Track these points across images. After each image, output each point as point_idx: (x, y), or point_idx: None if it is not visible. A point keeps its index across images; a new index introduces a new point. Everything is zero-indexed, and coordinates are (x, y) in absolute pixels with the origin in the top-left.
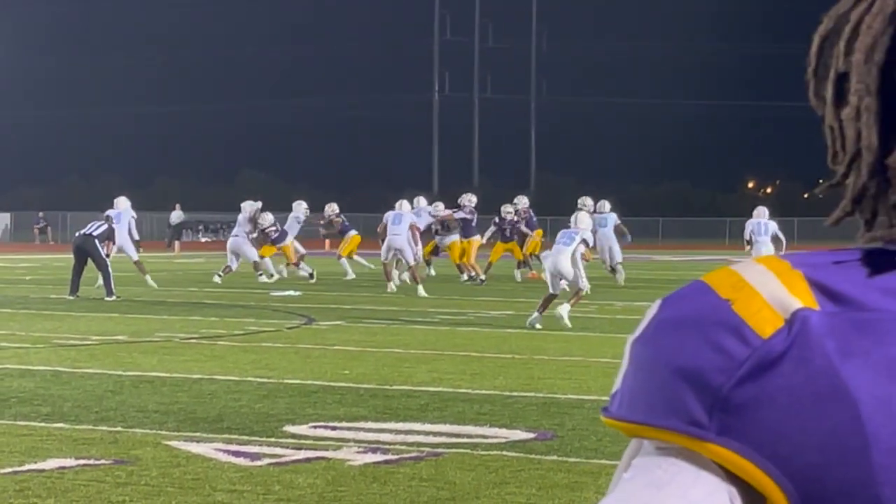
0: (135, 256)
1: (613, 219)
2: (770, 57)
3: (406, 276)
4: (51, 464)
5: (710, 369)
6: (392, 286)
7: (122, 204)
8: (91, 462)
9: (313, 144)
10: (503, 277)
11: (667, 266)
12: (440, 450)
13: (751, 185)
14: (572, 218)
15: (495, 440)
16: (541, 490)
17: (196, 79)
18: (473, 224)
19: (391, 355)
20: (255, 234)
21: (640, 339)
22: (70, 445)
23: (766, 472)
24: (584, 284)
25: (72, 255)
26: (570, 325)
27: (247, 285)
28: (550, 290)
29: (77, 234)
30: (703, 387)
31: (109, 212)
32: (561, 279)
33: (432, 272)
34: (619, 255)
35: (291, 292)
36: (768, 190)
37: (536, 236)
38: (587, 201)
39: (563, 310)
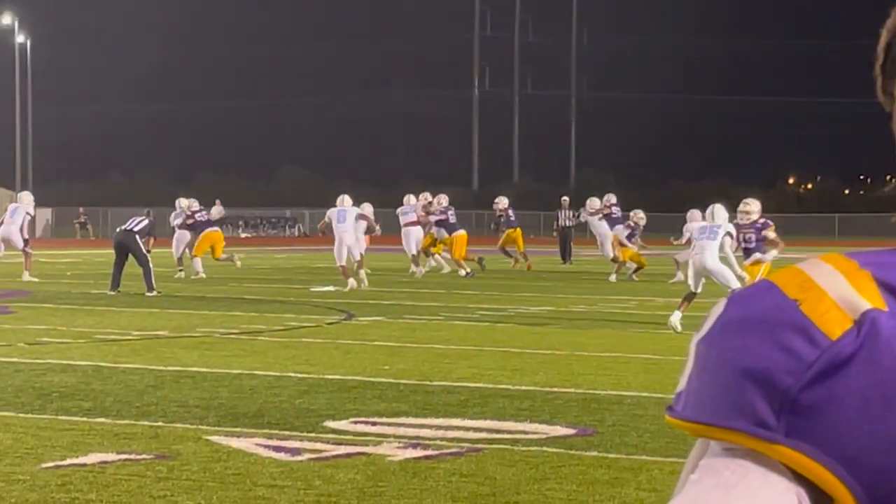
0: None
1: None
2: (811, 53)
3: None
4: (92, 458)
5: (778, 370)
6: (353, 282)
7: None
8: (132, 456)
9: (353, 140)
10: (544, 273)
11: None
12: (480, 445)
13: (791, 181)
14: (708, 212)
15: (535, 436)
16: (581, 486)
17: (237, 75)
18: (453, 220)
19: (431, 351)
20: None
21: (705, 338)
22: (111, 440)
23: (835, 473)
24: (736, 283)
25: (112, 251)
26: (679, 328)
27: (287, 281)
28: (693, 289)
29: (118, 229)
30: (771, 388)
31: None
32: (703, 278)
33: (439, 264)
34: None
35: (331, 287)
36: (809, 186)
37: (515, 234)
38: (595, 203)
39: (675, 317)
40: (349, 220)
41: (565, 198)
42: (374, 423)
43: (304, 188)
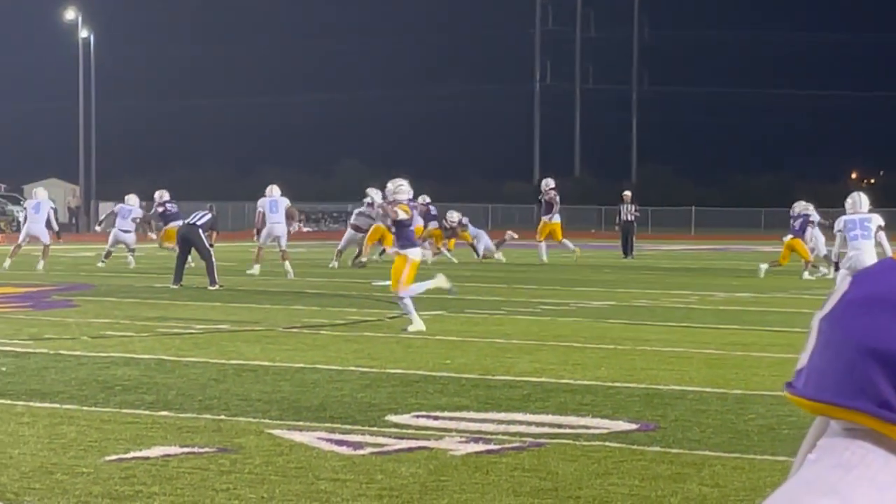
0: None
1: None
2: (876, 46)
3: (287, 265)
4: (156, 451)
5: None
6: (258, 269)
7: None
8: (195, 450)
9: (414, 134)
10: (605, 268)
11: (770, 257)
12: (542, 440)
13: (854, 175)
14: (849, 202)
15: (597, 431)
16: (643, 481)
17: (297, 69)
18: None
19: (493, 345)
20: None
21: (828, 317)
22: (174, 433)
23: None
24: None
25: (176, 245)
26: None
27: (348, 275)
28: None
29: (182, 223)
30: None
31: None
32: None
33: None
34: (823, 249)
35: None
36: (872, 180)
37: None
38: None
39: None
40: (280, 210)
41: (627, 192)
42: (435, 418)
43: (364, 182)
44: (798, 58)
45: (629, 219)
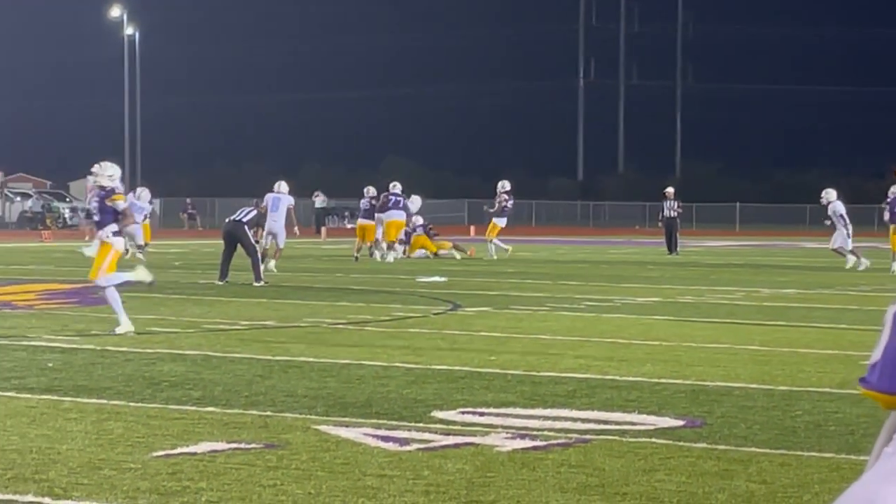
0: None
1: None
2: None
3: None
4: (203, 447)
5: None
6: (273, 264)
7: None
8: (242, 446)
9: (458, 131)
10: (650, 264)
11: (815, 253)
12: (588, 436)
13: None
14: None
15: (643, 427)
16: (690, 478)
17: (341, 66)
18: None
19: (538, 341)
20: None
21: None
22: (221, 429)
23: None
24: None
25: (221, 241)
26: None
27: (393, 271)
28: None
29: (227, 219)
30: None
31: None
32: None
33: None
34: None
35: (437, 278)
36: None
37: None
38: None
39: None
40: (281, 209)
41: (669, 189)
42: (481, 414)
43: (408, 178)
44: (843, 53)
45: (672, 215)
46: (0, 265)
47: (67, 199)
